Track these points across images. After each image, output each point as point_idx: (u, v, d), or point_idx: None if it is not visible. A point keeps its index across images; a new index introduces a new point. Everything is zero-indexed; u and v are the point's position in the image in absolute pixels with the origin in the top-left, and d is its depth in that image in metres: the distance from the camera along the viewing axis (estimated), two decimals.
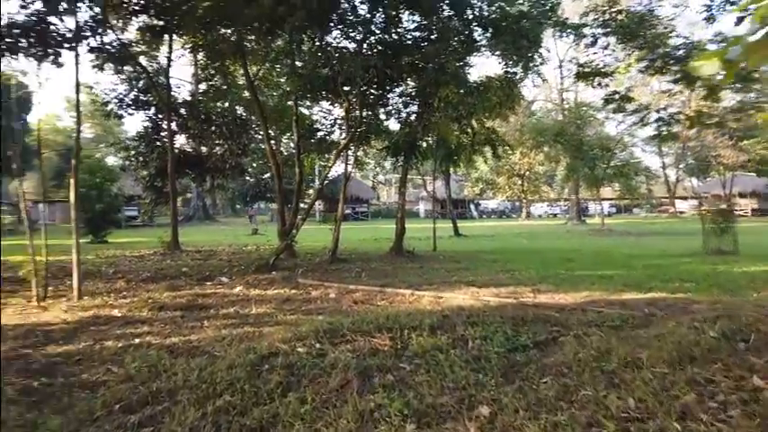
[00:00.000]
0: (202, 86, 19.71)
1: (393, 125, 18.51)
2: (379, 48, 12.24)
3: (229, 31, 13.48)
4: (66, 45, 15.35)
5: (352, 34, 12.23)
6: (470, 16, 11.42)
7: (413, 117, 13.52)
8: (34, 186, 54.38)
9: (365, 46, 12.23)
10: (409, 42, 12.02)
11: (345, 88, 12.44)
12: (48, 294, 7.57)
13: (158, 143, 20.42)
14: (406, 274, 10.21)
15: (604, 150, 32.32)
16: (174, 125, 19.12)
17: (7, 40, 13.48)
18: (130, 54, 17.53)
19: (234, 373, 3.94)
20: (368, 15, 11.71)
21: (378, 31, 12.11)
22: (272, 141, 16.38)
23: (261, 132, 19.18)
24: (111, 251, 16.57)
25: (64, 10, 11.34)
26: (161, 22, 16.04)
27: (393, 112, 13.74)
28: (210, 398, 3.51)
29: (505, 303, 6.75)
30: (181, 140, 21.72)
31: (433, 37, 11.57)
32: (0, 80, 9.64)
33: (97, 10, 15.35)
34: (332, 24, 11.55)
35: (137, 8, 15.44)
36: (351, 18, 11.68)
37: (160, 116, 19.73)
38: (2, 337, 5.25)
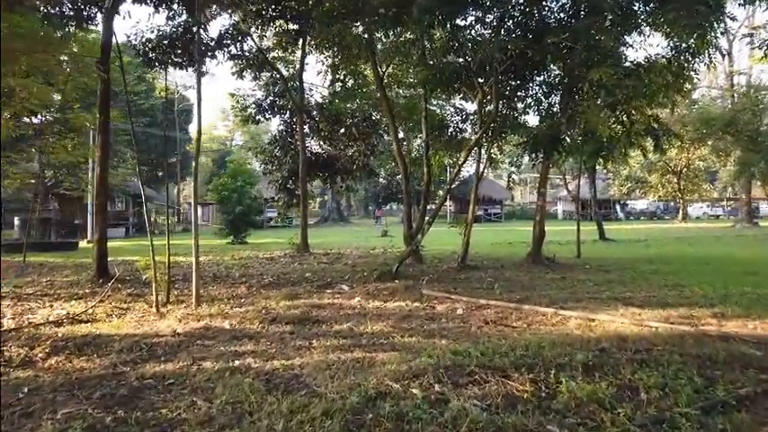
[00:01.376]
0: (337, 87, 19.76)
1: (531, 119, 16.95)
2: (518, 32, 10.95)
3: (357, 24, 13.12)
4: (209, 54, 16.25)
5: (488, 19, 11.08)
6: None
7: (555, 108, 12.00)
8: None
9: (502, 31, 11.03)
10: (553, 23, 10.54)
11: (479, 80, 11.34)
12: (170, 299, 7.50)
13: (291, 146, 20.99)
14: (546, 287, 8.96)
15: None
16: (306, 128, 19.42)
17: (157, 51, 14.49)
18: (267, 60, 18.09)
19: (329, 425, 3.13)
20: None
21: (517, 14, 10.83)
22: (402, 140, 15.78)
23: (390, 133, 18.77)
24: (247, 252, 17.15)
25: (206, 19, 11.75)
26: (295, 26, 16.37)
27: (532, 103, 12.31)
28: None
29: (680, 332, 5.38)
30: (312, 143, 22.14)
31: (581, 14, 10.00)
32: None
33: (237, 18, 16.01)
34: (464, 6, 10.45)
35: (273, 14, 15.86)
36: None
37: (294, 119, 20.20)
38: (108, 349, 5.03)
